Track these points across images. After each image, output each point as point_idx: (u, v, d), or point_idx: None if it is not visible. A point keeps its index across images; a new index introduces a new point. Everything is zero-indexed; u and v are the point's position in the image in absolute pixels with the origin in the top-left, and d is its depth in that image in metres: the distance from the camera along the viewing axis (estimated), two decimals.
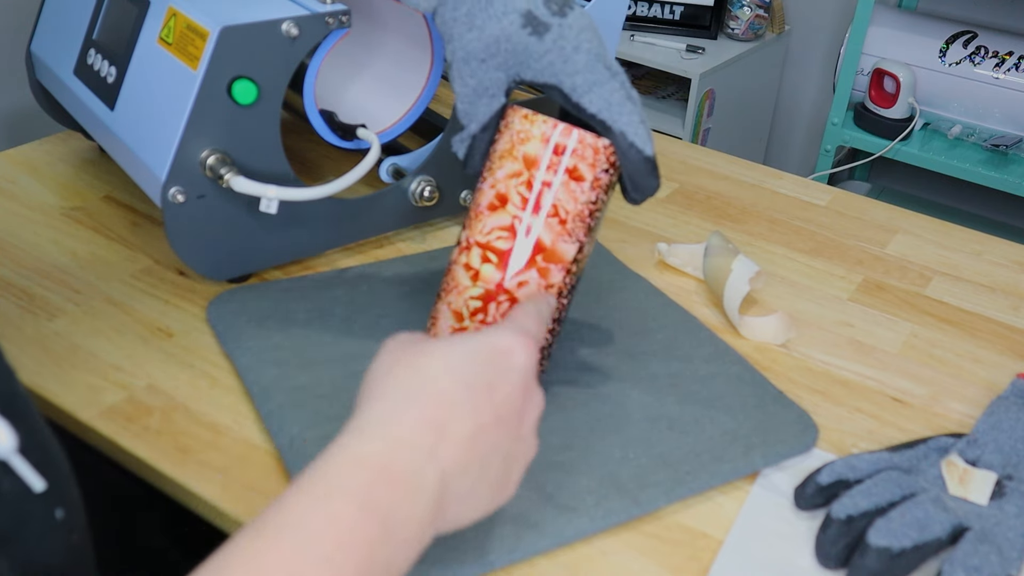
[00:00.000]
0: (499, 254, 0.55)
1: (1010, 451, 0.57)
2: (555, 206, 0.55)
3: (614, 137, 0.55)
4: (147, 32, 0.68)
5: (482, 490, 0.43)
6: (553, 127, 0.55)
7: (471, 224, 0.57)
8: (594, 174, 0.56)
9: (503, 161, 0.56)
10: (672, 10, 2.10)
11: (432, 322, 0.58)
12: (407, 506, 0.39)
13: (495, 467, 0.44)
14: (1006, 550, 0.50)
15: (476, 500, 0.43)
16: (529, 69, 0.57)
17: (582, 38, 0.57)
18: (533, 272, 0.56)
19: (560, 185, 0.55)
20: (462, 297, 0.56)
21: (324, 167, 0.88)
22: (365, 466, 0.39)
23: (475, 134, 0.58)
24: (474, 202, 0.58)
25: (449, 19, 0.58)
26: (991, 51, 1.77)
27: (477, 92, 0.58)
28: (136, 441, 0.57)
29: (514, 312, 0.51)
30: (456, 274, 0.56)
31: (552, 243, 0.55)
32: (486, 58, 0.57)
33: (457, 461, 0.41)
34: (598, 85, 0.56)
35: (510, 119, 0.57)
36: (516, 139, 0.56)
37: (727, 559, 0.52)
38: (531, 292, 0.56)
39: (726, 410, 0.60)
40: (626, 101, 0.56)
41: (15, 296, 0.69)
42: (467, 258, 0.56)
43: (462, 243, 0.57)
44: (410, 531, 0.39)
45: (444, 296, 0.57)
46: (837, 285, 0.77)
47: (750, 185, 0.92)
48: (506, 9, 0.57)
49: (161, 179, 0.63)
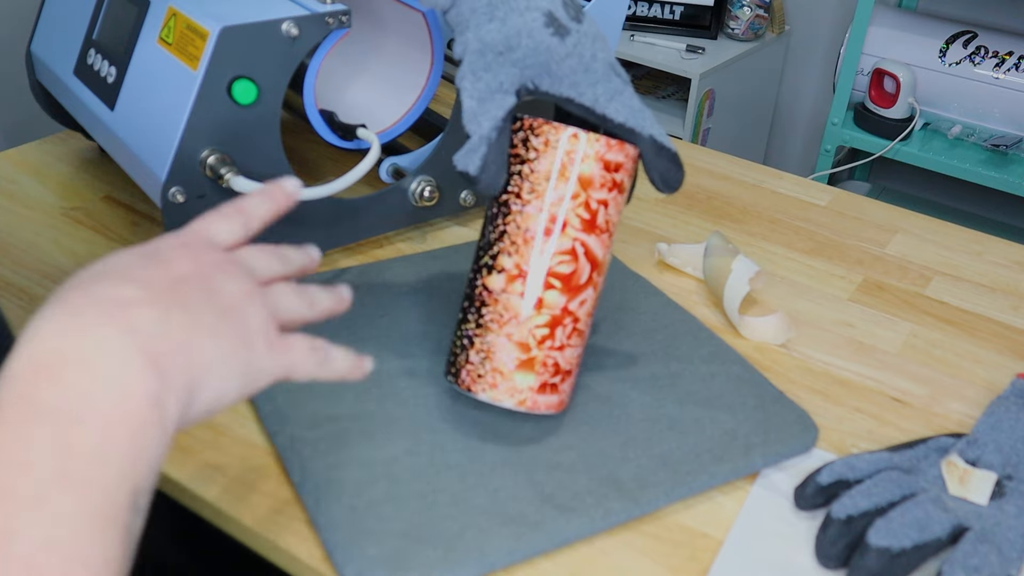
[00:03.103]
0: (563, 279, 0.54)
1: (1010, 451, 0.57)
2: (607, 222, 0.55)
3: (643, 142, 0.56)
4: (147, 32, 0.68)
5: (205, 319, 0.39)
6: (607, 146, 0.54)
7: (520, 250, 0.54)
8: (629, 183, 0.57)
9: (556, 184, 0.54)
10: (672, 10, 2.10)
11: (485, 356, 0.55)
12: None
13: (201, 306, 0.40)
14: (1006, 550, 0.50)
15: (205, 330, 0.39)
16: (549, 74, 0.55)
17: (597, 47, 0.57)
18: (591, 290, 0.56)
19: (612, 201, 0.55)
20: (526, 328, 0.54)
21: (324, 167, 0.88)
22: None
23: (491, 141, 0.54)
24: (512, 225, 0.55)
25: (467, 10, 0.56)
26: (991, 51, 1.77)
27: (491, 88, 0.55)
28: None
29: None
30: (511, 304, 0.54)
31: (603, 257, 0.56)
32: (504, 51, 0.54)
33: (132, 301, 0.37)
34: (618, 94, 0.56)
35: (551, 138, 0.54)
36: (567, 159, 0.54)
37: (727, 559, 0.52)
38: (588, 309, 0.56)
39: (726, 410, 0.60)
40: (643, 107, 0.57)
41: (15, 296, 0.69)
42: (523, 287, 0.54)
43: (510, 270, 0.54)
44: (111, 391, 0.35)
45: (497, 328, 0.54)
46: (837, 285, 0.77)
47: (750, 185, 0.92)
48: (529, 5, 0.55)
49: (161, 179, 0.63)
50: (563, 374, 0.56)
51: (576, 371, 0.57)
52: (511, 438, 0.57)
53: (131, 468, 0.34)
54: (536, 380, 0.55)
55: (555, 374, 0.55)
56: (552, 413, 0.57)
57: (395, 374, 0.61)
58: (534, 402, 0.55)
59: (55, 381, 0.34)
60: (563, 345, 0.55)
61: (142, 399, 0.35)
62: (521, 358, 0.54)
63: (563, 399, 0.57)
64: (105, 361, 0.35)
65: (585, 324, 0.56)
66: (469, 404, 0.59)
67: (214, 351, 0.39)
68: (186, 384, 0.38)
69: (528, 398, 0.55)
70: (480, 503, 0.52)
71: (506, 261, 0.55)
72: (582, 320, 0.56)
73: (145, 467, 0.35)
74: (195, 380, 0.38)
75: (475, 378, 0.55)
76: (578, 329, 0.56)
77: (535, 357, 0.54)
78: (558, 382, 0.56)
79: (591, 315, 0.57)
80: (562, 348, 0.55)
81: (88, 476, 0.33)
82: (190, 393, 0.38)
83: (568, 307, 0.55)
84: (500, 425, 0.58)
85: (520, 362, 0.54)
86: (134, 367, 0.36)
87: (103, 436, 0.34)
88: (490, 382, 0.55)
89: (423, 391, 0.60)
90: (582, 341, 0.57)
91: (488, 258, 0.56)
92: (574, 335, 0.56)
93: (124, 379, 0.35)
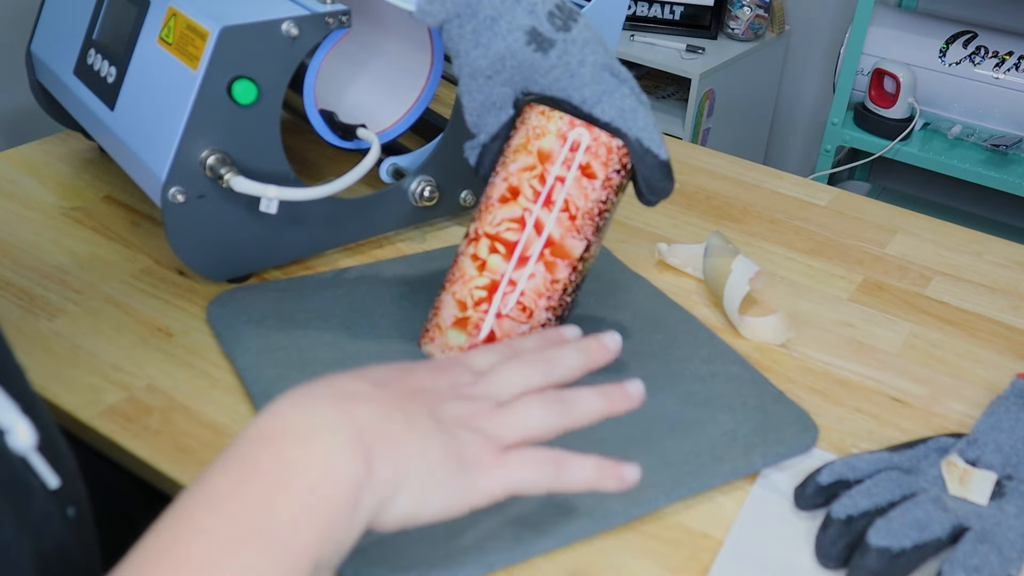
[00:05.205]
0: (507, 245, 0.56)
1: (1010, 451, 0.57)
2: (566, 201, 0.56)
3: (630, 144, 0.57)
4: (147, 32, 0.68)
5: (430, 448, 0.40)
6: (570, 124, 0.56)
7: (481, 216, 0.57)
8: (606, 173, 0.56)
9: (517, 155, 0.57)
10: (672, 10, 2.10)
11: (434, 312, 0.58)
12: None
13: (423, 417, 0.41)
14: (1006, 550, 0.50)
15: (422, 450, 0.40)
16: (536, 84, 0.58)
17: (586, 51, 0.58)
18: (540, 265, 0.56)
19: (572, 181, 0.56)
20: (467, 287, 0.56)
21: (324, 167, 0.88)
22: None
23: (486, 144, 0.60)
24: (485, 195, 0.58)
25: (455, 35, 0.58)
26: (991, 51, 1.77)
27: (485, 106, 0.59)
28: (136, 441, 0.57)
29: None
30: (462, 264, 0.57)
31: (561, 238, 0.56)
32: (492, 75, 0.58)
33: (367, 409, 0.40)
34: (607, 94, 0.57)
35: (526, 115, 0.57)
36: (532, 134, 0.57)
37: (727, 559, 0.52)
38: (537, 285, 0.56)
39: (726, 410, 0.60)
40: (638, 106, 0.57)
41: (15, 296, 0.69)
42: (475, 249, 0.57)
43: (470, 234, 0.58)
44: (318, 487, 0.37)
45: (449, 286, 0.57)
46: (837, 285, 0.77)
47: (750, 185, 0.92)
48: (511, 27, 0.57)
49: (161, 179, 0.63)
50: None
51: None
52: None
53: (320, 542, 0.36)
54: (466, 340, 0.56)
55: (489, 340, 0.56)
56: None
57: None
58: None
59: (274, 448, 0.37)
60: (500, 313, 0.56)
61: (344, 479, 0.38)
62: (457, 315, 0.57)
63: None
64: (320, 438, 0.38)
65: (534, 303, 0.57)
66: None
67: (421, 458, 0.40)
68: (389, 479, 0.39)
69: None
70: None
71: (471, 226, 0.58)
72: (529, 295, 0.56)
73: (333, 545, 0.37)
74: (399, 479, 0.39)
75: (423, 332, 0.58)
76: (523, 304, 0.56)
77: (469, 317, 0.56)
78: None
79: (545, 297, 0.57)
80: (499, 316, 0.56)
81: (283, 538, 0.35)
82: (390, 490, 0.39)
83: (511, 276, 0.55)
84: None
85: (456, 319, 0.56)
86: (344, 449, 0.38)
87: (303, 505, 0.36)
88: (430, 336, 0.58)
89: None
90: (529, 320, 0.57)
91: (467, 229, 0.59)
92: (516, 308, 0.56)
93: (332, 458, 0.38)
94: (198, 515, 0.35)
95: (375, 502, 0.39)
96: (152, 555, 0.34)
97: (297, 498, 0.36)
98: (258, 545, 0.35)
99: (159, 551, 0.34)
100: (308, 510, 0.36)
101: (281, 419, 0.39)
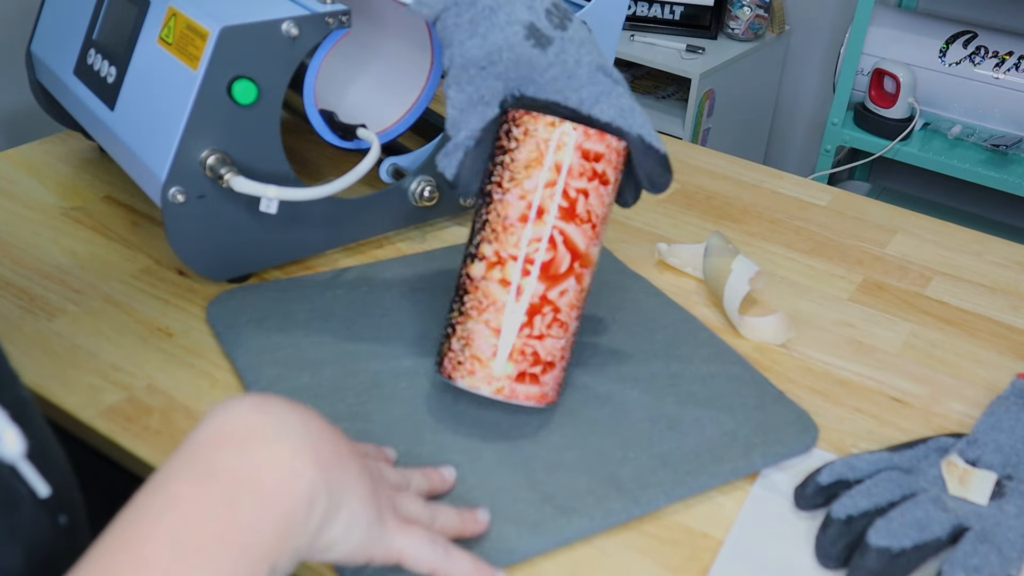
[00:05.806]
0: (541, 266, 0.54)
1: (1010, 451, 0.57)
2: (588, 212, 0.55)
3: (632, 141, 0.56)
4: (147, 32, 0.68)
5: (360, 488, 0.42)
6: (585, 134, 0.54)
7: (500, 238, 0.55)
8: (615, 176, 0.56)
9: (531, 170, 0.54)
10: (672, 10, 2.10)
11: (464, 343, 0.55)
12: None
13: (357, 460, 0.43)
14: (1006, 550, 0.50)
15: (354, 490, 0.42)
16: (532, 83, 0.57)
17: (582, 51, 0.57)
18: (572, 280, 0.55)
19: (593, 191, 0.55)
20: (503, 314, 0.54)
21: (324, 167, 0.88)
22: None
23: (468, 149, 0.57)
24: (494, 214, 0.55)
25: (451, 25, 0.57)
26: (991, 51, 1.76)
27: (472, 100, 0.57)
28: (136, 441, 0.57)
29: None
30: (491, 291, 0.54)
31: (586, 249, 0.56)
32: (486, 66, 0.57)
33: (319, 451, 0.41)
34: (604, 95, 0.57)
35: (530, 127, 0.55)
36: (544, 147, 0.54)
37: (727, 559, 0.52)
38: (570, 299, 0.56)
39: (726, 410, 0.60)
40: (633, 105, 0.57)
41: (15, 296, 0.69)
42: (502, 273, 0.54)
43: (490, 257, 0.55)
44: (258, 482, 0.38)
45: (477, 315, 0.55)
46: (837, 285, 0.77)
47: (750, 185, 0.92)
48: (510, 19, 0.57)
49: (161, 179, 0.63)
50: (544, 365, 0.55)
51: (562, 365, 0.57)
52: (511, 438, 0.57)
53: (277, 546, 0.37)
54: (515, 368, 0.54)
55: (535, 364, 0.55)
56: (535, 405, 0.56)
57: (395, 374, 0.61)
58: (512, 391, 0.54)
59: (237, 449, 0.38)
60: (543, 335, 0.55)
61: (304, 482, 0.38)
62: (498, 345, 0.54)
63: (546, 392, 0.56)
64: (285, 440, 0.39)
65: (568, 316, 0.56)
66: (470, 404, 0.59)
67: (357, 487, 0.42)
68: (336, 493, 0.40)
69: (506, 386, 0.54)
70: (480, 503, 0.52)
71: (486, 249, 0.55)
72: (564, 311, 0.56)
73: (290, 551, 0.38)
74: (342, 497, 0.40)
75: (455, 365, 0.55)
76: (560, 320, 0.55)
77: (515, 344, 0.54)
78: (539, 372, 0.55)
79: (576, 308, 0.56)
80: (542, 337, 0.55)
81: (243, 542, 0.36)
82: (335, 506, 0.40)
83: (547, 295, 0.54)
84: (500, 425, 0.58)
85: (496, 349, 0.54)
86: (306, 452, 0.39)
87: (263, 507, 0.37)
88: (468, 369, 0.55)
89: (423, 391, 0.60)
90: (566, 333, 0.56)
91: (472, 247, 0.56)
92: (555, 325, 0.55)
93: (295, 459, 0.38)
94: (163, 519, 0.35)
95: (323, 512, 0.39)
96: (114, 555, 0.34)
97: (258, 502, 0.37)
98: (219, 550, 0.35)
99: (117, 550, 0.34)
100: (268, 513, 0.37)
101: (244, 420, 0.39)
